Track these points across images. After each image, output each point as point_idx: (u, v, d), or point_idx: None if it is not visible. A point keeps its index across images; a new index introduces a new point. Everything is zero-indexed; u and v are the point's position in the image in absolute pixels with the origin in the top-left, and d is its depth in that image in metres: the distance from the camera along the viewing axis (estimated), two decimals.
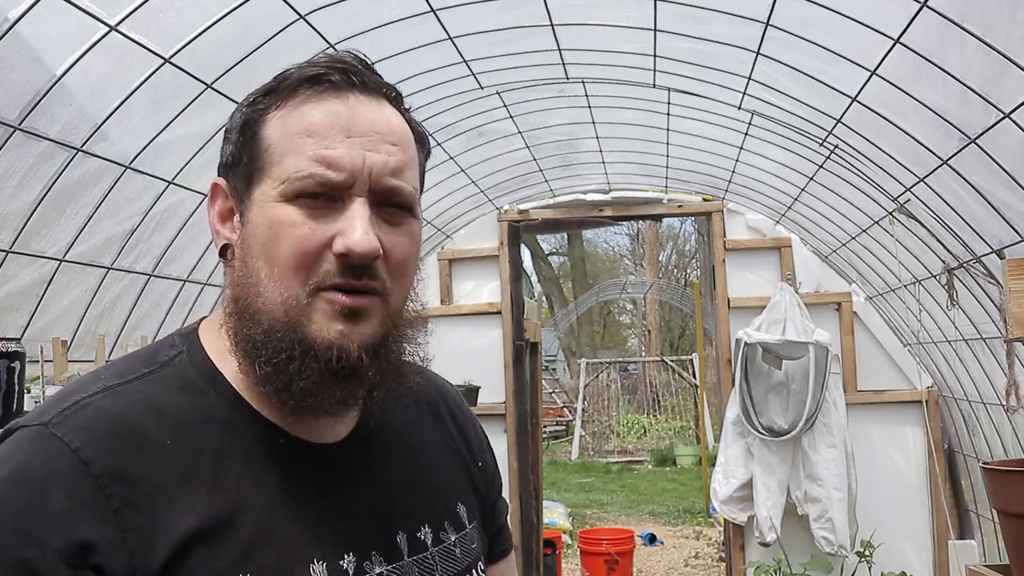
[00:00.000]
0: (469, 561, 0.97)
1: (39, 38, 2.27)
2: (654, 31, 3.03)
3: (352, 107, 0.84)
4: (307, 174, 0.81)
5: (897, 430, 4.63)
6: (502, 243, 5.22)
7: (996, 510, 2.61)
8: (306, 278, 0.81)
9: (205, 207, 3.62)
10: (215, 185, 0.89)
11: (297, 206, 0.81)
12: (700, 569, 7.49)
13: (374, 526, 0.88)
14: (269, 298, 0.82)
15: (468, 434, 1.08)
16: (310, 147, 0.82)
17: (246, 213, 0.85)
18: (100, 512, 0.73)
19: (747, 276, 4.91)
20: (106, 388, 0.81)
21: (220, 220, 0.89)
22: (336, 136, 0.82)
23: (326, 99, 0.84)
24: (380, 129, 0.84)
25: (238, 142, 0.87)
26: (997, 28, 2.14)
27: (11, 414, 1.83)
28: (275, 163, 0.83)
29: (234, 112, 0.90)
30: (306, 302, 0.81)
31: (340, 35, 2.86)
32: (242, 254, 0.85)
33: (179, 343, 0.89)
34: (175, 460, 0.78)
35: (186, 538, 0.75)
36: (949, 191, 2.92)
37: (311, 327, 0.81)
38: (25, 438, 0.77)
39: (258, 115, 0.86)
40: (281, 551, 0.79)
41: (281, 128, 0.84)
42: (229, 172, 0.88)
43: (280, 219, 0.81)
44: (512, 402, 5.09)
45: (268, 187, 0.83)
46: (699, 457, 12.10)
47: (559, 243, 24.35)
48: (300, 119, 0.84)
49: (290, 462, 0.84)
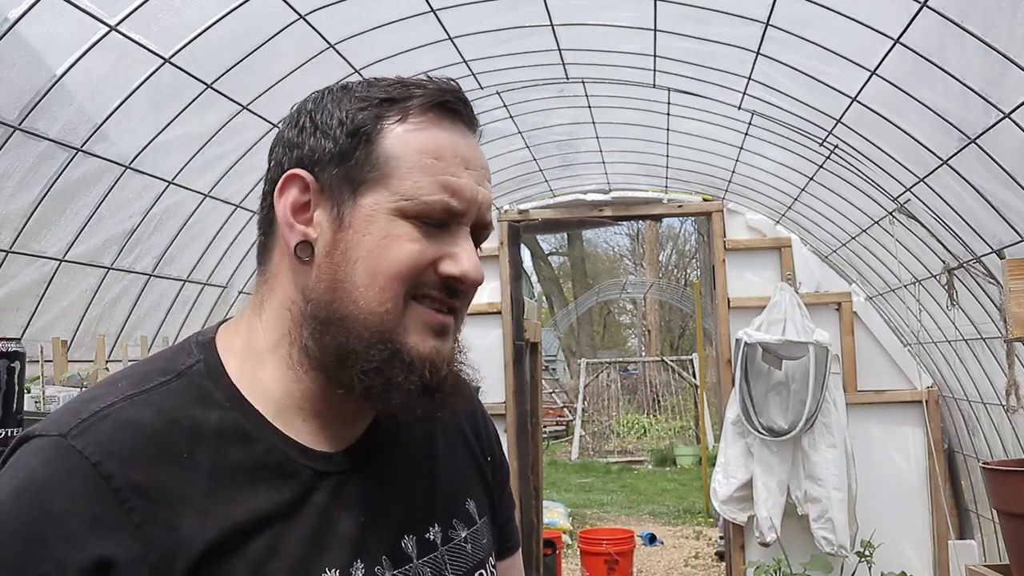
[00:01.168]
0: (481, 557, 0.97)
1: (39, 38, 2.27)
2: (654, 31, 3.03)
3: (469, 140, 0.88)
4: (437, 199, 0.83)
5: (897, 430, 4.63)
6: (502, 243, 5.22)
7: (996, 510, 2.61)
8: (406, 291, 0.83)
9: (204, 207, 3.63)
10: (294, 176, 0.86)
11: (413, 224, 0.83)
12: (700, 569, 7.49)
13: (383, 531, 0.88)
14: (363, 307, 0.82)
15: (478, 427, 1.08)
16: (439, 171, 0.84)
17: (347, 216, 0.84)
18: (120, 527, 0.73)
19: (747, 276, 4.91)
20: (124, 398, 0.80)
21: (294, 213, 0.86)
22: (459, 165, 0.85)
23: (447, 127, 0.86)
24: (484, 164, 0.89)
25: (345, 142, 0.85)
26: (997, 28, 2.14)
27: (11, 414, 1.83)
28: (400, 177, 0.83)
29: (326, 106, 0.87)
30: (402, 313, 0.83)
31: (340, 35, 2.86)
32: (336, 258, 0.83)
33: (196, 352, 0.87)
34: (192, 474, 0.78)
35: (203, 552, 0.75)
36: (949, 191, 2.92)
37: (408, 340, 0.83)
38: (43, 449, 0.76)
39: (375, 121, 0.85)
40: (293, 562, 0.80)
41: (405, 144, 0.84)
42: (322, 168, 0.86)
43: (397, 232, 0.83)
44: (512, 402, 5.09)
45: (385, 198, 0.83)
46: (699, 457, 12.10)
47: (559, 243, 24.38)
48: (427, 140, 0.85)
49: (302, 474, 0.84)
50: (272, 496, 0.81)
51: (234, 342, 0.89)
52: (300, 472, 0.84)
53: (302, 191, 0.86)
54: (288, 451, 0.84)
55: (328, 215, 0.84)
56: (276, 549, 0.79)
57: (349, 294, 0.83)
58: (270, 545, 0.79)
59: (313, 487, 0.84)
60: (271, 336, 0.87)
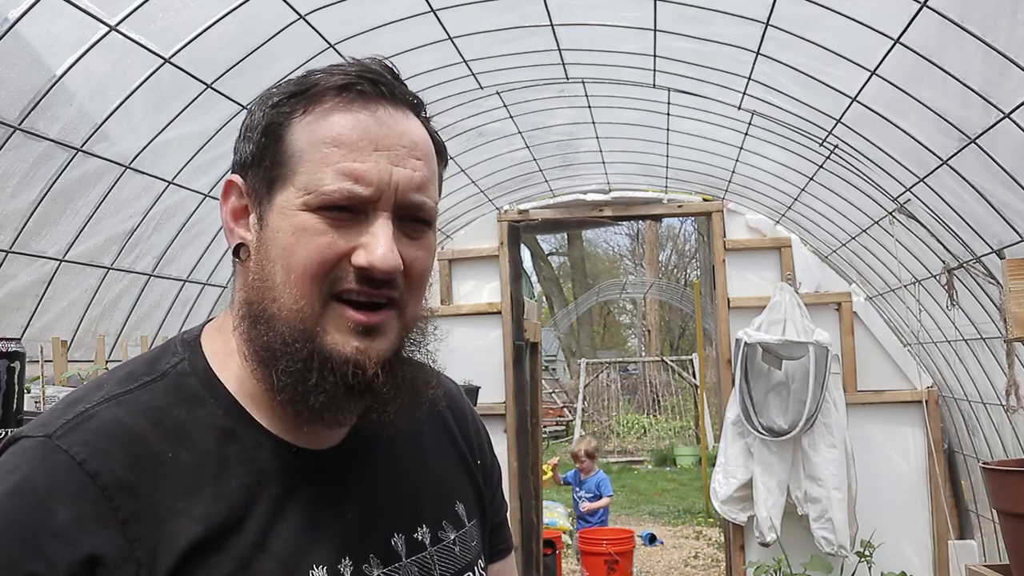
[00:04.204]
0: (469, 559, 0.97)
1: (39, 38, 2.27)
2: (654, 31, 3.03)
3: (380, 119, 0.84)
4: (335, 188, 0.81)
5: (897, 430, 4.63)
6: (502, 243, 5.22)
7: (996, 510, 2.61)
8: (322, 287, 0.82)
9: (204, 207, 3.63)
10: (230, 182, 0.88)
11: (320, 216, 0.81)
12: (700, 569, 7.49)
13: (371, 529, 0.88)
14: (284, 304, 0.82)
15: (467, 430, 1.08)
16: (338, 159, 0.81)
17: (265, 216, 0.85)
18: (107, 524, 0.73)
19: (747, 276, 4.91)
20: (109, 397, 0.81)
21: (233, 218, 0.89)
22: (364, 148, 0.82)
23: (355, 109, 0.84)
24: (406, 143, 0.84)
25: (260, 143, 0.86)
26: (997, 28, 2.14)
27: (11, 414, 1.83)
28: (300, 171, 0.83)
29: (253, 110, 0.88)
30: (320, 311, 0.82)
31: (340, 35, 2.86)
32: (259, 257, 0.85)
33: (181, 350, 0.88)
34: (178, 471, 0.79)
35: (190, 548, 0.76)
36: (949, 191, 2.92)
37: (327, 340, 0.82)
38: (29, 449, 0.77)
39: (283, 118, 0.85)
40: (280, 558, 0.80)
41: (307, 135, 0.83)
42: (247, 171, 0.87)
43: (303, 227, 0.81)
44: (512, 402, 5.09)
45: (292, 195, 0.83)
46: (699, 457, 12.10)
47: (559, 243, 24.36)
48: (328, 128, 0.83)
49: (288, 469, 0.84)
50: (258, 492, 0.81)
51: (216, 340, 0.89)
52: (287, 469, 0.84)
53: (239, 196, 0.88)
54: (274, 448, 0.85)
55: (255, 217, 0.86)
56: (262, 545, 0.79)
57: (271, 292, 0.83)
58: (256, 541, 0.79)
59: (299, 484, 0.84)
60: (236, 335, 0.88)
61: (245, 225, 0.87)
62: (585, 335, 24.16)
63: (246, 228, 0.87)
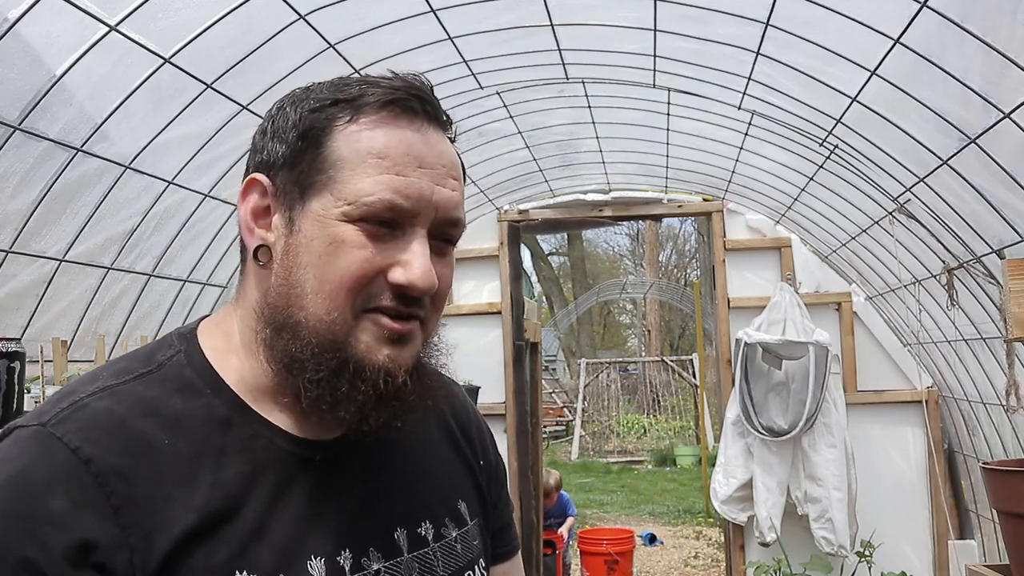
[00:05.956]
0: (470, 557, 0.97)
1: (39, 38, 2.27)
2: (654, 31, 3.03)
3: (425, 137, 0.84)
4: (377, 199, 0.80)
5: (897, 430, 4.63)
6: (502, 243, 5.22)
7: (996, 510, 2.61)
8: (355, 300, 0.81)
9: (204, 207, 3.63)
10: (254, 180, 0.86)
11: (359, 228, 0.81)
12: (700, 569, 7.49)
13: (372, 523, 0.88)
14: (313, 313, 0.81)
15: (470, 431, 1.08)
16: (383, 172, 0.81)
17: (297, 221, 0.83)
18: (101, 510, 0.74)
19: (747, 276, 4.91)
20: (104, 388, 0.81)
21: (254, 217, 0.87)
22: (409, 164, 0.82)
23: (401, 125, 0.83)
24: (446, 162, 0.85)
25: (295, 146, 0.84)
26: (997, 28, 2.14)
27: (11, 414, 1.83)
28: (343, 180, 0.82)
29: (285, 109, 0.87)
30: (353, 324, 0.82)
31: (340, 35, 2.86)
32: (286, 262, 0.83)
33: (177, 343, 0.88)
34: (173, 459, 0.79)
35: (185, 535, 0.75)
36: (949, 191, 2.92)
37: (359, 347, 0.82)
38: (24, 439, 0.77)
39: (325, 124, 0.83)
40: (277, 548, 0.80)
41: (351, 144, 0.82)
42: (275, 172, 0.86)
43: (341, 238, 0.81)
44: (512, 402, 5.09)
45: (330, 203, 0.82)
46: (699, 457, 12.10)
47: (559, 243, 24.37)
48: (373, 140, 0.82)
49: (288, 459, 0.84)
50: (256, 481, 0.81)
51: (214, 335, 0.89)
52: (284, 458, 0.84)
53: (261, 196, 0.86)
54: (271, 437, 0.85)
55: (283, 220, 0.85)
56: (259, 534, 0.79)
57: (300, 300, 0.82)
58: (253, 530, 0.79)
59: (298, 473, 0.84)
60: (245, 334, 0.87)
61: (266, 226, 0.86)
62: (585, 335, 24.16)
63: (267, 229, 0.86)
